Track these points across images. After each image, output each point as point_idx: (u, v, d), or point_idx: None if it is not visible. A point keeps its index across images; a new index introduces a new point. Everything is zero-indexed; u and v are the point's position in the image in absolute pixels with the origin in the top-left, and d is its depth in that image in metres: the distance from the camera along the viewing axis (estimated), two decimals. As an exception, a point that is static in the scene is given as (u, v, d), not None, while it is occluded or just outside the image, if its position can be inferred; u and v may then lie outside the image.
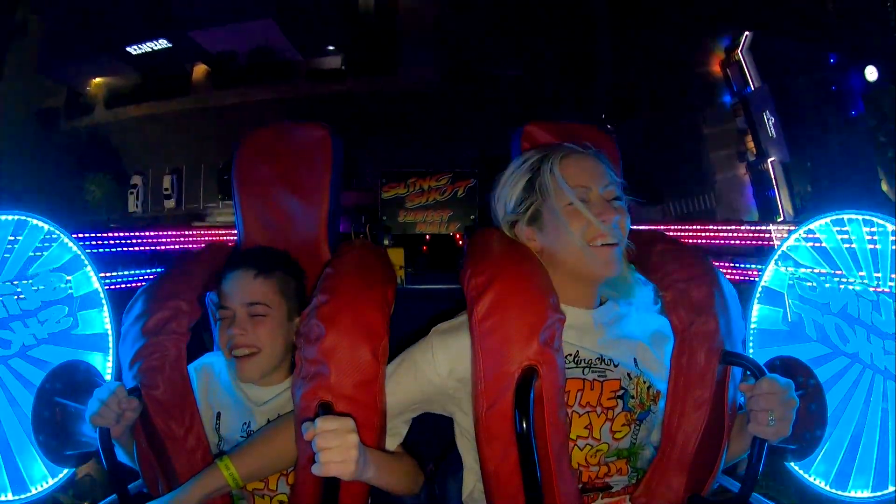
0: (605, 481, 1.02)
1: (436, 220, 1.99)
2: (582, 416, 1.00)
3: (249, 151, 1.35)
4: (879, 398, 1.21)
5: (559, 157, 1.05)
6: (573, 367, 1.01)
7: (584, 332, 1.04)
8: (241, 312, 1.14)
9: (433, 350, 1.04)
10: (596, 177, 1.04)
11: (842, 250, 1.27)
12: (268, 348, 1.15)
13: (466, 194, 1.98)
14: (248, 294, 1.14)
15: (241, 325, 1.13)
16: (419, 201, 1.95)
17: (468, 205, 2.03)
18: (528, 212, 1.06)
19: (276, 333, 1.16)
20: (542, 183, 1.05)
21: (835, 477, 1.24)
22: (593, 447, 1.00)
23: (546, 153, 1.08)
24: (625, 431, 1.01)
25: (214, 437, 1.17)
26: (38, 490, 1.32)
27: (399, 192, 1.89)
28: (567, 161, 1.05)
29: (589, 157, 1.07)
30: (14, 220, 1.36)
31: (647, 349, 1.06)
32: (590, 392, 1.00)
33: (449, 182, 1.97)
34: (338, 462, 0.88)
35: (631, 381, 1.02)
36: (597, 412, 1.00)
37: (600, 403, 1.00)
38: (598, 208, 1.02)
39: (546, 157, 1.07)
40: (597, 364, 1.02)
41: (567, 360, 1.01)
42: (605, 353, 1.03)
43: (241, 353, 1.14)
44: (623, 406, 1.01)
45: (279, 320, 1.16)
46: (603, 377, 1.01)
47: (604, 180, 1.04)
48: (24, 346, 1.34)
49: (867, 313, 1.22)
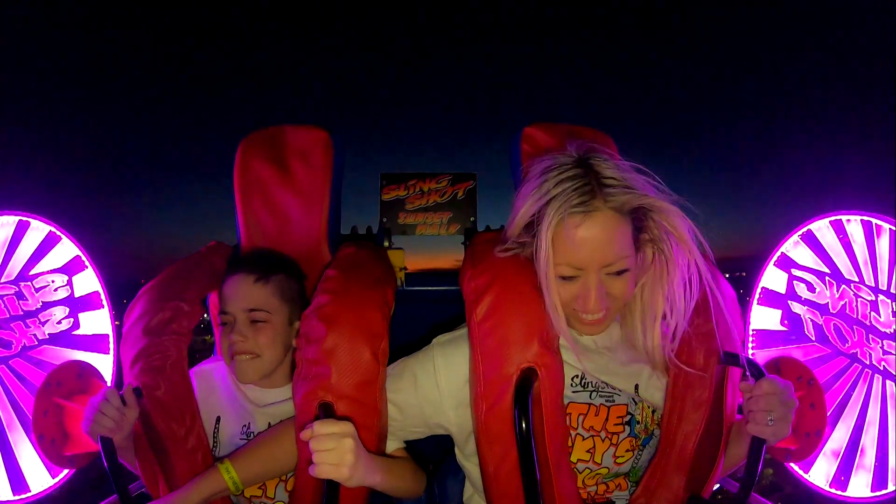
0: (606, 497, 1.02)
1: (436, 222, 2.02)
2: (586, 439, 0.99)
3: (250, 153, 1.36)
4: (879, 398, 1.21)
5: (563, 217, 0.90)
6: (580, 391, 1.00)
7: (588, 355, 1.03)
8: (241, 318, 1.14)
9: (434, 362, 1.03)
10: (595, 255, 0.91)
11: (841, 250, 1.28)
12: (268, 354, 1.15)
13: (466, 196, 2.01)
14: (247, 300, 1.14)
15: (242, 332, 1.13)
16: (419, 203, 1.98)
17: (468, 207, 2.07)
18: (524, 249, 1.00)
19: (276, 339, 1.15)
20: (539, 234, 0.93)
21: (835, 477, 1.24)
22: (592, 471, 1.00)
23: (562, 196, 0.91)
24: (627, 457, 1.01)
25: (213, 441, 1.17)
26: (38, 490, 1.32)
27: (399, 195, 1.92)
28: (571, 230, 0.90)
29: (599, 227, 0.90)
30: (15, 221, 1.36)
31: (651, 374, 1.04)
32: (594, 417, 1.00)
33: (449, 184, 1.99)
34: (333, 465, 0.88)
35: (637, 406, 1.02)
36: (601, 437, 0.99)
37: (605, 428, 1.00)
38: (587, 286, 0.92)
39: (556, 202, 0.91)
40: (603, 388, 1.01)
41: (573, 382, 1.00)
42: (608, 378, 1.02)
43: (241, 359, 1.14)
44: (630, 432, 1.00)
45: (279, 325, 1.16)
46: (611, 402, 1.01)
47: (606, 258, 0.91)
48: (25, 346, 1.35)
49: (866, 313, 1.22)
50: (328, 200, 1.33)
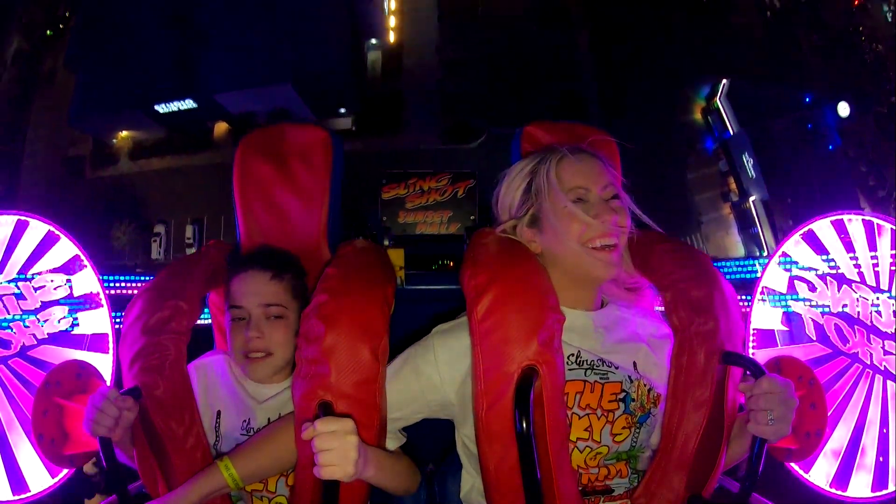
0: (605, 484, 1.02)
1: (436, 221, 2.01)
2: (582, 418, 1.00)
3: (249, 152, 1.35)
4: (879, 398, 1.21)
5: (556, 159, 1.05)
6: (575, 368, 1.01)
7: (585, 335, 1.04)
8: (256, 313, 1.15)
9: (434, 351, 1.04)
10: (593, 177, 1.03)
11: (842, 250, 1.27)
12: (281, 351, 1.16)
13: (466, 195, 2.01)
14: (264, 296, 1.15)
15: (258, 328, 1.14)
16: (419, 202, 1.97)
17: (468, 205, 2.06)
18: (527, 214, 1.06)
19: (290, 335, 1.17)
20: (538, 185, 1.05)
21: (835, 477, 1.23)
22: (593, 449, 1.00)
23: (544, 155, 1.07)
24: (625, 434, 1.01)
25: (214, 436, 1.17)
26: (38, 490, 1.32)
27: (399, 193, 1.91)
28: (564, 163, 1.04)
29: (586, 157, 1.06)
30: (15, 221, 1.36)
31: (648, 353, 1.06)
32: (590, 394, 1.00)
33: (449, 182, 1.99)
34: (336, 465, 0.88)
35: (632, 384, 1.02)
36: (597, 414, 1.00)
37: (601, 406, 1.00)
38: (596, 209, 1.01)
39: (543, 159, 1.06)
40: (598, 366, 1.02)
41: (569, 360, 1.01)
42: (606, 356, 1.03)
43: (256, 356, 1.14)
44: (624, 409, 1.01)
45: (293, 322, 1.17)
46: (605, 379, 1.01)
47: (602, 180, 1.03)
48: (25, 346, 1.35)
49: (867, 313, 1.22)
50: (328, 199, 1.33)
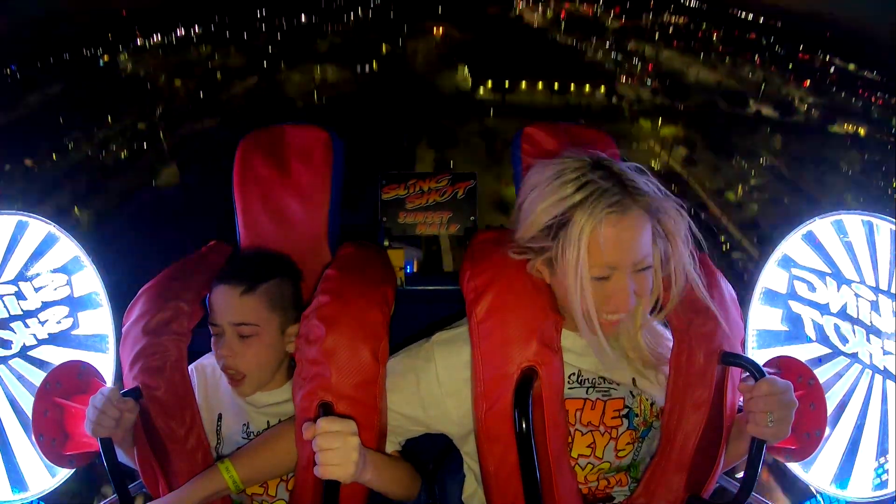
0: (606, 492, 1.02)
1: (436, 222, 2.02)
2: (585, 434, 1.00)
3: (249, 152, 1.35)
4: (879, 398, 1.21)
5: (600, 220, 0.89)
6: (577, 387, 1.01)
7: (584, 354, 1.03)
8: (228, 331, 1.11)
9: (435, 361, 1.03)
10: (628, 254, 0.90)
11: (842, 250, 1.27)
12: (255, 371, 1.13)
13: (466, 195, 2.02)
14: (234, 314, 1.11)
15: (230, 346, 1.11)
16: (419, 203, 1.98)
17: (468, 206, 2.07)
18: (543, 255, 0.96)
19: (264, 353, 1.13)
20: (566, 236, 0.90)
21: (835, 477, 1.24)
22: (595, 465, 1.00)
23: (589, 194, 0.90)
24: (629, 450, 1.01)
25: (216, 439, 1.17)
26: (38, 490, 1.32)
27: (399, 194, 1.92)
28: (604, 229, 0.89)
29: (632, 220, 0.90)
30: (15, 221, 1.36)
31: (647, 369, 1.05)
32: (590, 411, 1.00)
33: (449, 183, 2.00)
34: (337, 464, 0.88)
35: (634, 399, 1.02)
36: (600, 431, 1.00)
37: (603, 422, 1.00)
38: (615, 285, 0.91)
39: (586, 206, 0.89)
40: (600, 384, 1.02)
41: (570, 379, 1.01)
42: (606, 373, 1.03)
43: (229, 374, 1.13)
44: (628, 425, 1.01)
45: (269, 338, 1.13)
46: (607, 396, 1.01)
47: (636, 256, 0.91)
48: (25, 346, 1.35)
49: (867, 313, 1.22)
50: (328, 200, 1.33)
